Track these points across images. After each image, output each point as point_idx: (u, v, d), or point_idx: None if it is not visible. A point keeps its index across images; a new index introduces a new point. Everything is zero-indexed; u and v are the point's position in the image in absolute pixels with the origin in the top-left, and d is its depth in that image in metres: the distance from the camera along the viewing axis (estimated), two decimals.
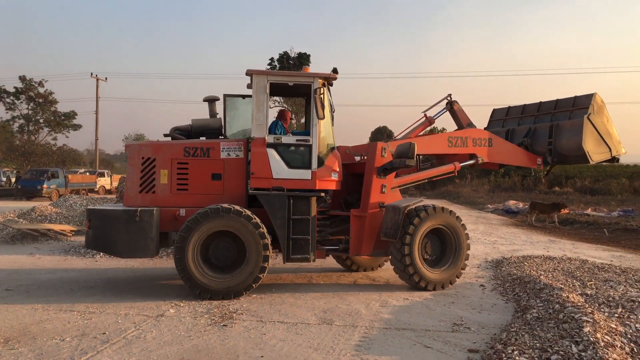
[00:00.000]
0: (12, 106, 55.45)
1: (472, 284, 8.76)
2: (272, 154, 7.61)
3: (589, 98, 9.64)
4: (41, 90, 55.50)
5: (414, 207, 8.24)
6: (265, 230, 7.30)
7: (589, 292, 7.35)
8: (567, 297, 6.76)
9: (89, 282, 8.28)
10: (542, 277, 8.64)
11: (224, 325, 6.02)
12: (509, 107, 11.85)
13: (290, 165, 7.69)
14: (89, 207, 7.70)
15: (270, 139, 7.62)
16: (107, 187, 38.25)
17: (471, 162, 9.51)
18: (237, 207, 7.22)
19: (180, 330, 5.81)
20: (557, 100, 10.60)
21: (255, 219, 7.23)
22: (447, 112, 10.39)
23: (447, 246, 8.37)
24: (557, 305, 6.41)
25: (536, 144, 10.22)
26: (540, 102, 11.02)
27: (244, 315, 6.49)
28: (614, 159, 9.99)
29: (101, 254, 10.80)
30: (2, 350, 5.04)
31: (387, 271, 9.82)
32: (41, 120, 56.66)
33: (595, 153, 9.49)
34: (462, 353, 5.25)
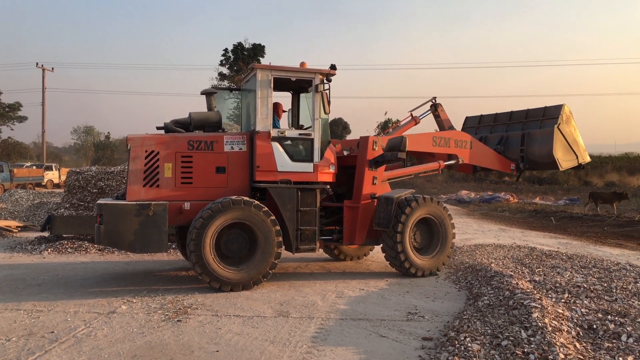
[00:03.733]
0: None
1: None
2: (277, 147, 7.79)
3: (558, 109, 10.19)
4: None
5: (404, 197, 8.62)
6: (279, 226, 7.50)
7: (537, 279, 7.60)
8: (517, 284, 6.97)
9: (36, 280, 7.99)
10: (492, 264, 8.88)
11: (178, 320, 5.92)
12: (481, 116, 12.41)
13: (293, 158, 7.91)
14: (99, 201, 7.48)
15: (274, 132, 7.78)
16: (55, 181, 36.94)
17: (452, 162, 9.90)
18: (256, 201, 7.38)
19: (132, 327, 5.68)
20: (528, 110, 11.17)
21: (272, 215, 7.42)
22: (431, 113, 10.98)
23: (434, 234, 8.82)
24: (507, 292, 6.60)
25: (509, 151, 10.68)
26: (512, 112, 11.62)
27: (198, 310, 6.40)
28: (580, 166, 10.53)
29: (49, 250, 10.46)
30: None
31: (343, 262, 9.91)
32: None
33: (564, 160, 10.00)
34: (417, 341, 5.34)
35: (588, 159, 10.58)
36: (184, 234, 8.00)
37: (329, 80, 8.20)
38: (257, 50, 53.80)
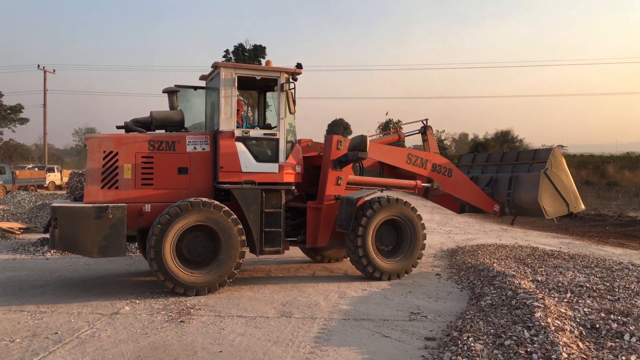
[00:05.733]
0: None
1: (429, 273, 8.93)
2: (241, 147, 7.61)
3: (548, 152, 9.61)
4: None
5: (368, 198, 8.41)
6: (241, 226, 7.31)
7: (539, 279, 7.61)
8: (519, 283, 6.97)
9: (39, 281, 8.00)
10: (495, 264, 8.88)
11: (181, 321, 5.93)
12: (475, 154, 12.12)
13: (258, 159, 7.72)
14: (53, 204, 7.30)
15: (239, 132, 7.61)
16: (57, 182, 36.97)
17: (428, 184, 9.44)
18: (215, 202, 7.20)
19: (136, 327, 5.69)
20: (519, 152, 10.80)
21: (233, 214, 7.22)
22: (420, 134, 10.64)
23: (403, 237, 8.56)
24: (510, 292, 6.61)
25: (496, 194, 10.04)
26: (504, 152, 11.24)
27: (201, 310, 6.41)
28: (572, 215, 9.71)
29: (52, 251, 10.47)
30: None
31: (345, 263, 9.90)
32: None
33: (551, 208, 9.24)
34: (420, 341, 5.35)
35: (582, 207, 9.65)
36: (146, 235, 7.62)
37: (295, 80, 8.06)
38: (258, 51, 53.82)
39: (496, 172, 10.66)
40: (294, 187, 8.08)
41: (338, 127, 63.49)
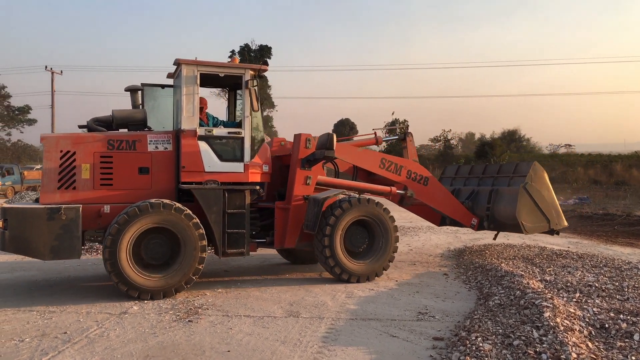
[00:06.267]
0: None
1: (436, 273, 8.91)
2: (204, 146, 7.41)
3: (528, 166, 9.32)
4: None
5: (336, 198, 8.18)
6: (203, 230, 7.10)
7: (548, 278, 7.58)
8: (528, 283, 6.95)
9: (48, 281, 8.05)
10: (503, 264, 8.86)
11: (189, 320, 5.95)
12: (459, 166, 11.76)
13: (222, 158, 7.52)
14: (4, 205, 7.13)
15: (201, 131, 7.40)
16: None
17: (402, 192, 9.17)
18: (178, 204, 6.98)
19: (144, 327, 5.71)
20: (501, 165, 10.47)
21: (187, 211, 7.00)
22: (401, 141, 10.31)
23: (374, 239, 8.32)
24: (518, 292, 6.59)
25: (477, 207, 9.78)
26: (486, 165, 10.91)
27: (209, 310, 6.43)
28: (553, 231, 9.32)
29: None
30: None
31: None
32: None
33: (530, 224, 8.98)
34: (428, 341, 5.34)
35: (564, 224, 9.35)
36: None
37: (261, 77, 7.92)
38: (264, 51, 53.93)
39: (477, 184, 10.36)
40: (258, 187, 7.82)
41: (344, 127, 63.40)
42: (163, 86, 8.45)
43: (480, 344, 4.85)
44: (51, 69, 45.15)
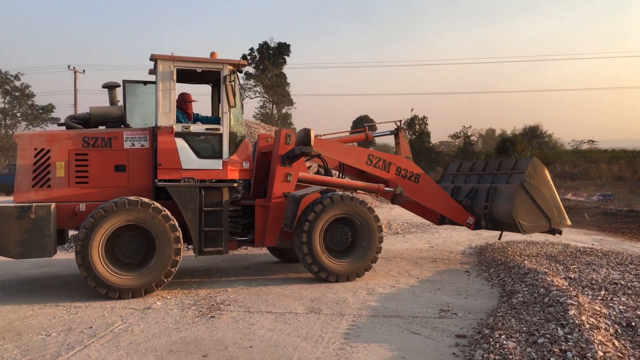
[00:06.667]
0: None
1: (457, 270, 8.85)
2: (181, 143, 7.29)
3: (527, 162, 8.93)
4: (17, 83, 54.62)
5: (315, 196, 7.95)
6: (176, 222, 7.01)
7: (572, 276, 7.47)
8: (552, 281, 6.86)
9: (74, 277, 8.18)
10: (526, 261, 8.76)
11: (211, 316, 6.00)
12: (461, 163, 11.27)
13: (200, 155, 7.40)
14: None
15: (178, 127, 7.30)
16: None
17: (391, 189, 8.90)
18: (145, 200, 6.88)
19: (167, 322, 5.77)
20: (501, 161, 10.01)
21: (165, 211, 6.91)
22: (394, 136, 10.08)
23: (357, 237, 8.06)
24: (542, 289, 6.51)
25: (476, 206, 9.38)
26: (487, 161, 10.43)
27: (231, 306, 6.47)
28: (554, 231, 8.92)
29: None
30: None
31: None
32: (18, 114, 55.77)
33: (528, 223, 8.60)
34: (450, 338, 5.30)
35: (567, 224, 8.95)
36: None
37: (240, 72, 7.81)
38: (283, 48, 54.03)
39: (477, 182, 9.96)
40: (236, 184, 7.72)
41: (362, 123, 63.30)
42: (145, 82, 8.31)
43: (504, 342, 4.81)
44: (74, 68, 45.80)
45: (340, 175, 9.30)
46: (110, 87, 8.12)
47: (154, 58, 7.39)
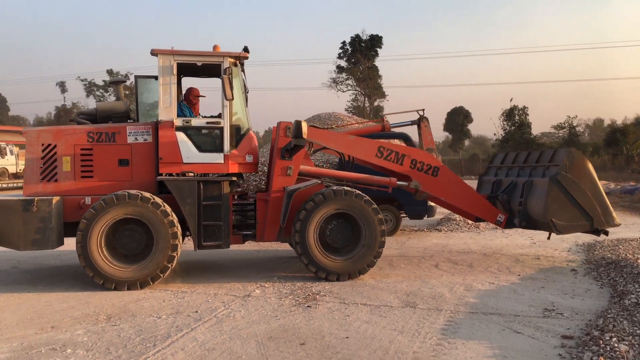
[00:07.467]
0: (102, 99, 59.00)
1: (563, 269, 8.38)
2: (182, 137, 7.31)
3: (564, 154, 8.11)
4: (127, 83, 58.65)
5: (313, 189, 7.63)
6: (175, 218, 7.03)
7: None
8: None
9: (179, 264, 8.61)
10: None
11: (308, 306, 6.13)
12: (506, 154, 10.25)
13: (201, 149, 7.40)
14: None
15: (179, 121, 7.32)
16: None
17: (405, 183, 8.37)
18: (145, 194, 6.94)
19: (266, 310, 5.97)
20: (542, 152, 9.00)
21: (163, 206, 6.95)
22: (417, 126, 9.36)
23: (358, 234, 7.61)
24: None
25: (513, 201, 8.64)
26: (530, 152, 9.45)
27: (326, 297, 6.57)
28: (598, 231, 8.08)
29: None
30: (105, 326, 5.40)
31: (469, 254, 9.59)
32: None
33: (563, 222, 7.83)
34: (556, 339, 5.04)
35: (614, 224, 8.06)
36: None
37: (242, 64, 7.64)
38: (375, 41, 53.70)
39: (517, 175, 9.09)
40: (234, 178, 7.61)
41: (458, 115, 61.53)
42: (157, 77, 8.26)
43: (616, 345, 4.50)
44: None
45: (342, 167, 8.84)
46: (116, 82, 8.33)
47: (154, 53, 7.44)
